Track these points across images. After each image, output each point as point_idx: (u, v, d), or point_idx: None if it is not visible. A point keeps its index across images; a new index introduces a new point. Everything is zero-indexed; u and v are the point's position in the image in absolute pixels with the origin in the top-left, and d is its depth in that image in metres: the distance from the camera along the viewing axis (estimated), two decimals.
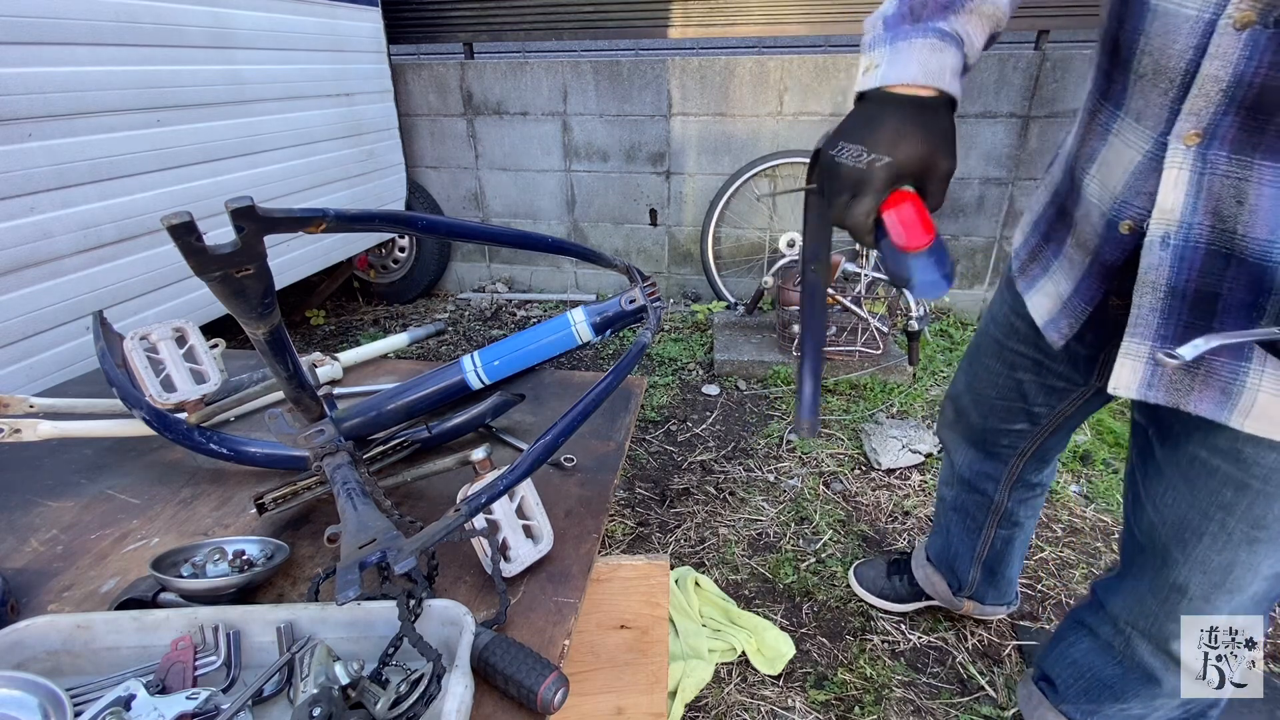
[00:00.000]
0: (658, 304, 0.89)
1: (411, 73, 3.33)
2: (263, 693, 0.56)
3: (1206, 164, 0.59)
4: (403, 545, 0.57)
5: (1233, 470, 0.71)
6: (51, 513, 0.84)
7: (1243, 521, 0.73)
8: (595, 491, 0.88)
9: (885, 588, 1.50)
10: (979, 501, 1.22)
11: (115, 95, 1.83)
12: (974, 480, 1.21)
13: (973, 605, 1.39)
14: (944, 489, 1.30)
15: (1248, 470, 0.70)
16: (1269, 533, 0.72)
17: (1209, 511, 0.75)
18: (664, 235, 3.44)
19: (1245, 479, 0.70)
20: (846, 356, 2.55)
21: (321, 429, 0.80)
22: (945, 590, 1.38)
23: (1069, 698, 1.04)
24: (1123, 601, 0.92)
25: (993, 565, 1.30)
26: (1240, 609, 0.80)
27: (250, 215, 0.51)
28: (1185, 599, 0.81)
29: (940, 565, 1.39)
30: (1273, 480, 0.69)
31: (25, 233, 1.61)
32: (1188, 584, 0.80)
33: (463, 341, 3.08)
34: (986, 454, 1.16)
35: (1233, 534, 0.74)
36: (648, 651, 0.94)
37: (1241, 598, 0.79)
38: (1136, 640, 0.91)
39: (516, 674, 0.57)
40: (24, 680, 0.53)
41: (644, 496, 1.95)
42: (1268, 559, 0.74)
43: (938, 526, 1.37)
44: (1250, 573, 0.76)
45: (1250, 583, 0.77)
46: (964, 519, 1.27)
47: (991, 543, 1.26)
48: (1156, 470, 0.81)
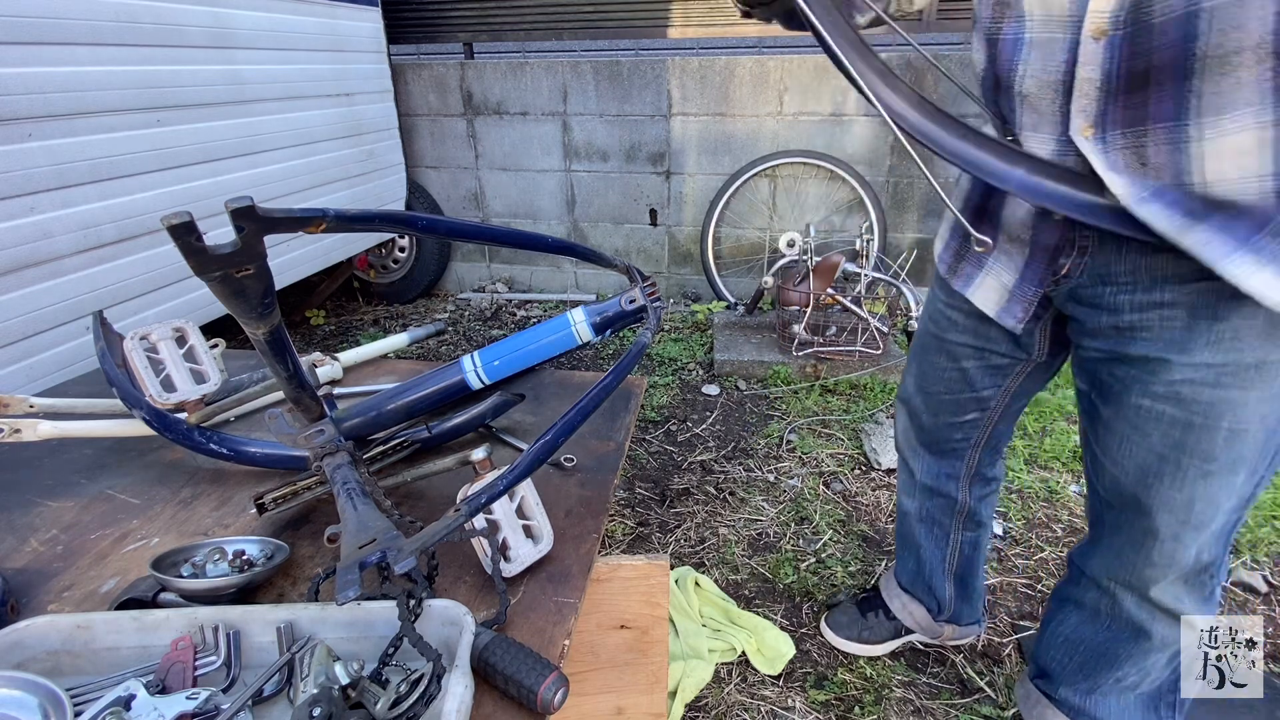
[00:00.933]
0: (658, 304, 0.89)
1: (411, 73, 3.33)
2: (263, 693, 0.56)
3: (1106, 144, 0.70)
4: (403, 545, 0.57)
5: (1176, 412, 0.77)
6: (51, 513, 0.84)
7: (1195, 457, 0.78)
8: (595, 491, 0.88)
9: (864, 630, 1.42)
10: (943, 505, 1.24)
11: (115, 95, 1.83)
12: (935, 484, 1.23)
13: (951, 629, 1.37)
14: (906, 501, 1.30)
15: (1189, 409, 0.76)
16: (1219, 464, 0.77)
17: (1164, 454, 0.80)
18: (664, 235, 3.44)
19: (1189, 417, 0.77)
20: (846, 356, 2.55)
21: (321, 429, 0.80)
22: (925, 617, 1.35)
23: (1065, 680, 1.06)
24: (1101, 560, 0.96)
25: (964, 576, 1.30)
26: (1206, 545, 0.84)
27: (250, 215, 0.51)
28: (1157, 541, 0.85)
29: (915, 589, 1.36)
30: (1212, 414, 0.75)
31: (25, 233, 1.61)
32: (1158, 526, 0.84)
33: (463, 341, 3.08)
34: (942, 454, 1.19)
35: (1188, 471, 0.79)
36: (648, 651, 0.94)
37: (1206, 534, 0.83)
38: (1121, 594, 0.94)
39: (516, 674, 0.57)
40: (24, 680, 0.53)
41: (644, 496, 1.95)
42: (1222, 490, 0.79)
43: (905, 548, 1.35)
44: (1210, 506, 0.81)
45: (1212, 517, 0.82)
46: (931, 528, 1.27)
47: (960, 548, 1.27)
48: (1107, 429, 0.86)
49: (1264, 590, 1.58)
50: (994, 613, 1.54)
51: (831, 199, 3.16)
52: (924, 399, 1.15)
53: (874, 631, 1.41)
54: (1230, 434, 0.75)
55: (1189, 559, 0.85)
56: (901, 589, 1.39)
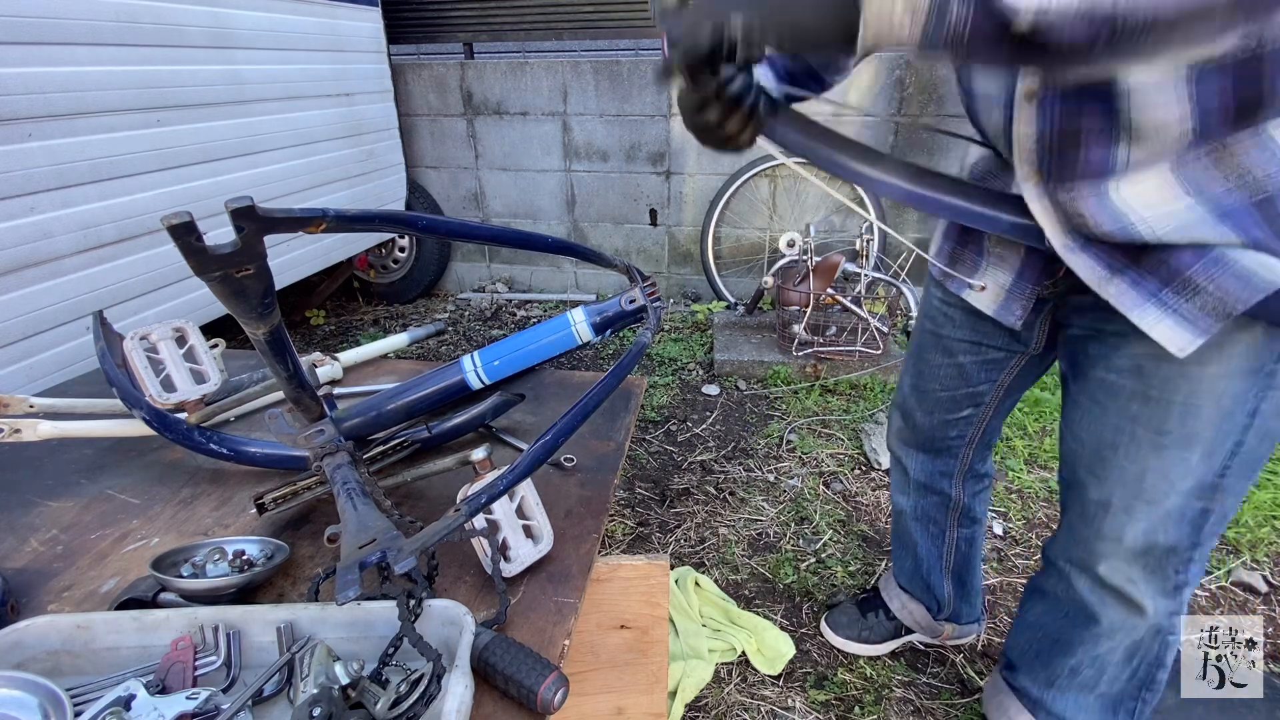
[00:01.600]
0: (658, 304, 0.89)
1: (411, 73, 3.33)
2: (263, 693, 0.56)
3: (1044, 193, 0.75)
4: (403, 545, 0.57)
5: (1135, 384, 0.80)
6: (51, 513, 0.84)
7: (1149, 429, 0.81)
8: (595, 491, 0.88)
9: (864, 630, 1.43)
10: (938, 502, 1.25)
11: (115, 95, 1.83)
12: (930, 482, 1.24)
13: (951, 628, 1.37)
14: (900, 500, 1.31)
15: (1147, 382, 0.79)
16: (1172, 438, 0.79)
17: (1120, 425, 0.83)
18: (664, 235, 3.44)
19: (1146, 390, 0.79)
20: (846, 356, 2.55)
21: (321, 429, 0.80)
22: (925, 616, 1.36)
23: (1023, 667, 1.08)
24: (1059, 543, 0.98)
25: (961, 573, 1.31)
26: (1161, 525, 0.84)
27: (250, 215, 0.51)
28: (1108, 514, 0.87)
29: (915, 589, 1.37)
30: (1168, 388, 0.78)
31: (25, 233, 1.61)
32: (1110, 498, 0.86)
33: (463, 341, 3.08)
34: (936, 452, 1.20)
35: (1141, 442, 0.82)
36: (648, 651, 0.94)
37: (1159, 510, 0.83)
38: (1074, 576, 0.95)
39: (516, 674, 0.57)
40: (24, 680, 0.53)
41: (644, 496, 1.95)
42: (1176, 466, 0.80)
43: (901, 547, 1.36)
44: (1163, 481, 0.82)
45: (1165, 493, 0.82)
46: (927, 526, 1.28)
47: (956, 545, 1.28)
48: (1074, 404, 0.90)
49: (1264, 590, 1.58)
50: (994, 613, 1.54)
51: (831, 199, 3.16)
52: (919, 398, 1.17)
53: (874, 631, 1.42)
54: (1185, 408, 0.77)
55: (1138, 534, 0.86)
56: (900, 588, 1.40)
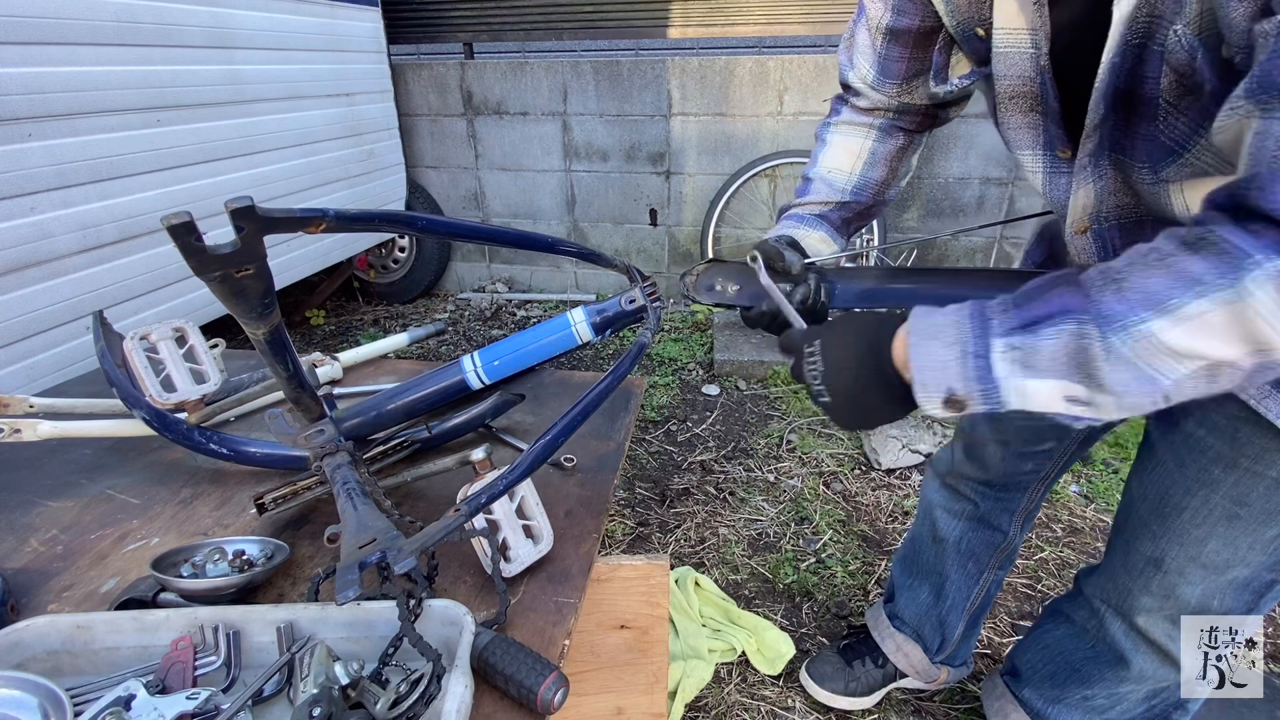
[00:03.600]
0: (658, 304, 0.89)
1: (411, 73, 3.33)
2: (263, 693, 0.56)
3: None
4: (403, 545, 0.57)
5: (1225, 448, 0.73)
6: (51, 513, 0.84)
7: (1226, 498, 0.74)
8: (595, 491, 0.88)
9: (850, 680, 1.30)
10: (989, 539, 1.14)
11: (115, 95, 1.83)
12: (989, 516, 1.12)
13: (945, 672, 1.28)
14: (946, 526, 1.17)
15: (1240, 449, 0.72)
16: (1250, 510, 0.73)
17: (1192, 488, 0.77)
18: (664, 235, 3.44)
19: (1236, 457, 0.72)
20: None
21: (321, 429, 0.80)
22: (922, 659, 1.26)
23: (1032, 682, 1.04)
24: (1098, 581, 0.94)
25: (976, 616, 1.23)
26: (1216, 592, 0.79)
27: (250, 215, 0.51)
28: (1160, 572, 0.82)
29: (920, 625, 1.25)
30: (1262, 461, 0.70)
31: (25, 233, 1.61)
32: (1164, 556, 0.81)
33: (463, 341, 3.08)
34: (1004, 487, 1.10)
35: (1214, 509, 0.75)
36: (648, 651, 0.94)
37: (1218, 580, 0.78)
38: (1109, 618, 0.92)
39: (516, 674, 0.57)
40: (24, 680, 0.53)
41: (644, 496, 1.95)
42: (1245, 538, 0.75)
43: (921, 577, 1.23)
44: (1228, 549, 0.76)
45: (1227, 564, 0.77)
46: (966, 562, 1.17)
47: (988, 588, 1.20)
48: (1149, 451, 0.84)
49: None
50: (994, 613, 1.54)
51: None
52: (994, 425, 1.05)
53: (861, 682, 1.31)
54: (1275, 484, 0.70)
55: (1191, 597, 0.81)
56: (896, 628, 1.28)
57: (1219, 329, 0.44)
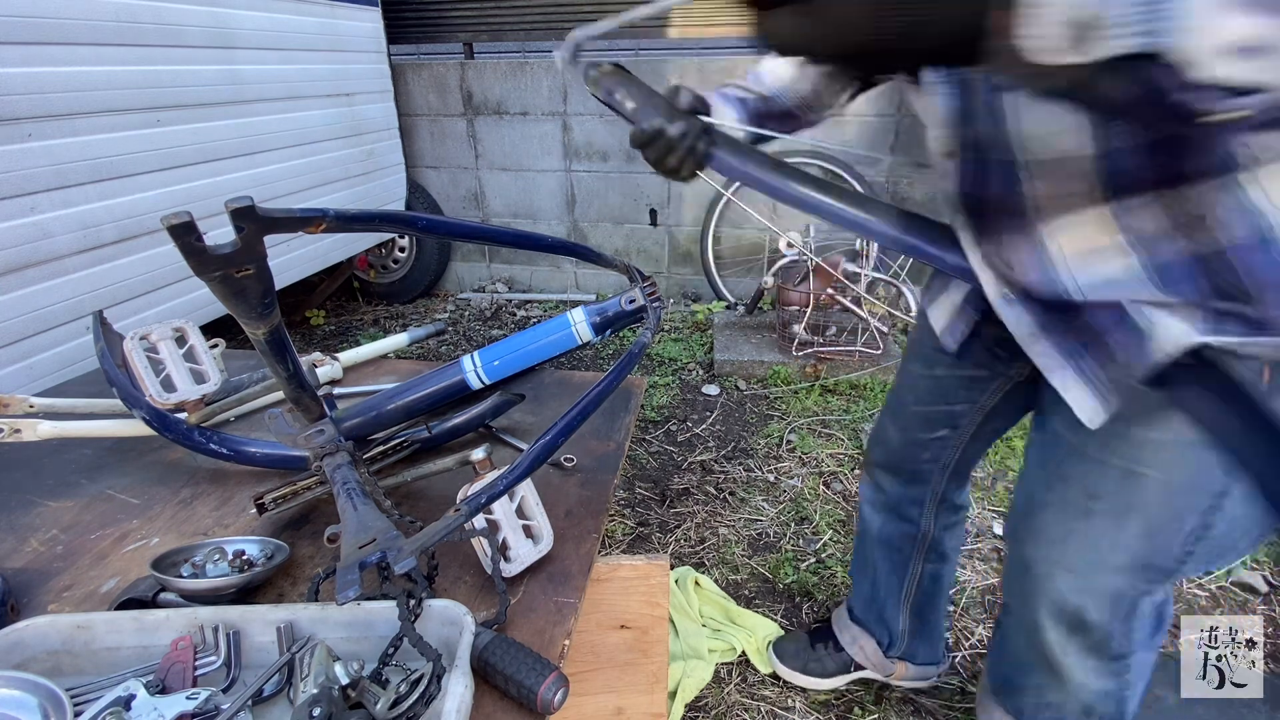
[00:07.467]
0: (658, 304, 0.89)
1: (411, 73, 3.33)
2: (263, 693, 0.56)
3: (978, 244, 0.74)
4: (403, 545, 0.57)
5: (1073, 439, 0.74)
6: (51, 513, 0.84)
7: (1080, 493, 0.74)
8: (595, 491, 0.88)
9: (810, 661, 1.34)
10: (904, 530, 1.17)
11: (115, 95, 1.83)
12: (899, 506, 1.15)
13: (904, 667, 1.28)
14: (868, 517, 1.20)
15: (1086, 439, 0.72)
16: (1104, 504, 0.72)
17: (1051, 483, 0.78)
18: (664, 235, 3.44)
19: (1083, 447, 0.73)
20: (846, 356, 2.55)
21: (321, 429, 0.80)
22: (875, 652, 1.27)
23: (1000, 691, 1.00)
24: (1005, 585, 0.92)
25: (922, 610, 1.23)
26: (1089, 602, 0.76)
27: (250, 215, 0.51)
28: (1029, 575, 0.81)
29: (867, 619, 1.28)
30: (1107, 449, 0.71)
31: (25, 233, 1.61)
32: (1028, 556, 0.81)
33: (463, 341, 3.08)
34: (908, 475, 1.12)
35: (1070, 504, 0.75)
36: (648, 651, 0.94)
37: (1083, 583, 0.76)
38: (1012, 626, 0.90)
39: (516, 674, 0.57)
40: (24, 680, 0.53)
41: (644, 496, 1.95)
42: (1104, 537, 0.73)
43: (861, 571, 1.27)
44: (1088, 550, 0.75)
45: (1090, 565, 0.75)
46: (890, 554, 1.20)
47: (920, 580, 1.20)
48: (1027, 449, 0.85)
49: (1264, 590, 1.58)
50: (994, 613, 1.54)
51: None
52: (894, 411, 1.10)
53: (821, 664, 1.34)
54: (1125, 474, 0.70)
55: (1061, 602, 0.78)
56: (852, 620, 1.31)
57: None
